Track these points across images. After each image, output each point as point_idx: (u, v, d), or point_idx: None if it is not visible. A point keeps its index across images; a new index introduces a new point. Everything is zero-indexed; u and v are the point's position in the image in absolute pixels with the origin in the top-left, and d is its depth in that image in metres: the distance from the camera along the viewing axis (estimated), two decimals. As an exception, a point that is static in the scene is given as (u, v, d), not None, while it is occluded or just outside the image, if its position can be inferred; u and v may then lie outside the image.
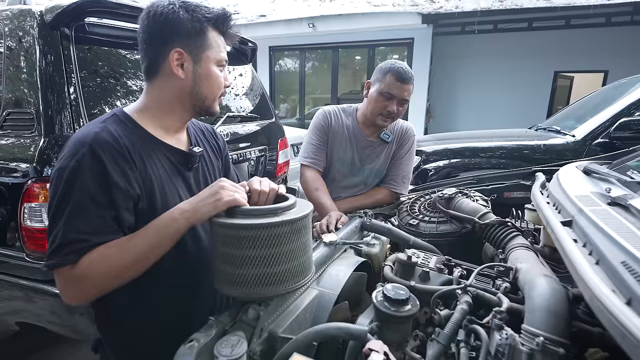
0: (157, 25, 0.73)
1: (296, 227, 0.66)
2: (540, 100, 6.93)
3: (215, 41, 0.78)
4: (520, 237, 1.00)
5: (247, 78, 2.44)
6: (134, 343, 0.80)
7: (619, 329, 0.37)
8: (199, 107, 0.81)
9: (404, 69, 1.34)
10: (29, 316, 1.46)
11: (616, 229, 0.55)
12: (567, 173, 1.05)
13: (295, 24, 7.59)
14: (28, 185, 1.27)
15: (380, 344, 0.58)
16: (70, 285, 0.66)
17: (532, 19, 6.46)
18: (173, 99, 0.78)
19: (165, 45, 0.74)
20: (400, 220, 1.32)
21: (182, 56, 0.74)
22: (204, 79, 0.78)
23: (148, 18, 0.74)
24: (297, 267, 0.67)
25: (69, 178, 0.65)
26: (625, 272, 0.44)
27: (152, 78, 0.78)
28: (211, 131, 1.00)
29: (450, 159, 2.87)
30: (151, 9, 0.74)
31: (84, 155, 0.65)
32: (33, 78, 1.33)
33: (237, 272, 0.64)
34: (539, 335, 0.57)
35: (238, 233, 0.63)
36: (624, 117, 2.56)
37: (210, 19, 0.76)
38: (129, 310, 0.77)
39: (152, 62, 0.76)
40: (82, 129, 0.71)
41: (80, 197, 0.65)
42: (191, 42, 0.75)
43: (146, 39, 0.75)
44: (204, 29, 0.76)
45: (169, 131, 0.81)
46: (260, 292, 0.64)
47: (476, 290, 0.77)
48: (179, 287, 0.80)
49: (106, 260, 0.65)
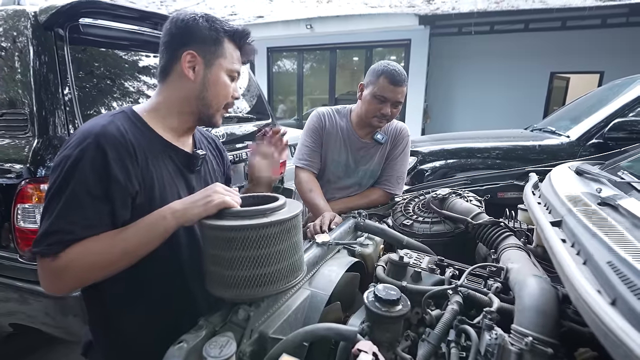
0: (178, 29, 0.77)
1: (285, 228, 0.66)
2: (536, 101, 6.97)
3: (230, 52, 0.81)
4: (512, 237, 1.00)
5: (244, 79, 2.44)
6: (129, 346, 0.80)
7: (601, 329, 0.37)
8: (204, 114, 0.82)
9: (397, 71, 1.33)
10: (22, 317, 1.45)
11: (604, 229, 0.55)
12: (559, 173, 1.05)
13: (293, 25, 7.60)
14: (21, 186, 1.27)
15: (370, 344, 0.58)
16: (51, 276, 0.66)
17: (529, 20, 6.49)
18: (181, 100, 0.80)
19: (181, 47, 0.77)
20: (395, 221, 1.32)
21: (194, 59, 0.77)
22: (213, 84, 0.80)
23: (171, 23, 0.79)
24: (287, 267, 0.67)
25: (70, 167, 0.65)
26: (611, 272, 0.44)
27: (165, 78, 0.80)
28: (215, 140, 1.02)
29: (446, 160, 2.88)
30: (175, 17, 0.79)
31: (88, 145, 0.66)
32: (27, 79, 1.33)
33: (227, 273, 0.64)
34: (528, 335, 0.57)
35: (227, 234, 0.64)
36: (618, 118, 2.57)
37: (227, 32, 0.80)
38: (124, 314, 0.77)
39: (167, 63, 0.79)
40: (91, 121, 0.73)
41: (77, 188, 0.65)
42: (205, 47, 0.78)
43: (165, 42, 0.79)
44: (220, 39, 0.79)
45: (175, 133, 0.83)
46: (251, 293, 0.64)
47: (467, 290, 0.78)
48: (175, 291, 0.81)
49: (91, 254, 0.65)
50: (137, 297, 0.77)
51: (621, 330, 0.35)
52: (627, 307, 0.38)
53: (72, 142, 0.68)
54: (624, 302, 0.38)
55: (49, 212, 0.65)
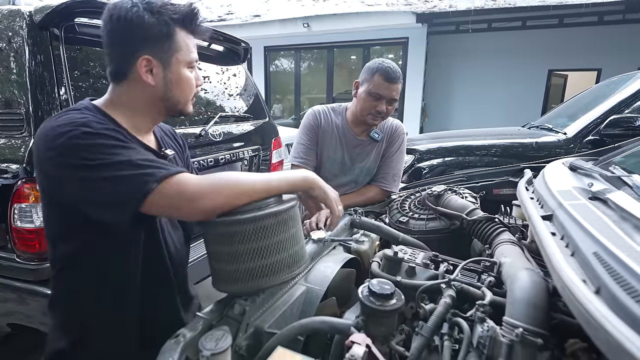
0: (122, 30, 0.70)
1: (282, 219, 0.67)
2: (534, 98, 6.98)
3: (185, 42, 0.75)
4: (506, 232, 1.01)
5: (240, 78, 2.44)
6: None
7: (585, 316, 0.38)
8: (172, 111, 0.79)
9: (391, 69, 1.33)
10: (21, 318, 1.46)
11: (592, 222, 0.56)
12: (552, 169, 1.06)
13: (290, 23, 7.59)
14: (18, 186, 1.27)
15: (363, 336, 0.59)
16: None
17: (526, 17, 6.51)
18: (144, 103, 0.76)
19: (132, 52, 0.71)
20: (391, 218, 1.33)
21: (150, 63, 0.72)
22: (175, 83, 0.75)
23: (111, 22, 0.70)
24: (289, 257, 0.69)
25: (91, 140, 0.63)
26: (597, 263, 0.45)
27: (119, 82, 0.74)
28: (172, 132, 0.97)
29: (444, 158, 2.89)
30: (113, 12, 0.70)
31: (86, 126, 0.63)
32: (22, 79, 1.33)
33: (230, 268, 0.66)
34: (518, 327, 0.58)
35: (226, 229, 0.65)
36: (613, 115, 2.59)
37: (177, 20, 0.72)
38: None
39: (118, 67, 0.73)
40: (53, 122, 0.65)
41: (118, 143, 0.65)
42: (159, 47, 0.72)
43: (110, 44, 0.72)
44: (172, 32, 0.72)
45: (139, 131, 0.79)
46: (255, 284, 0.66)
47: (461, 284, 0.79)
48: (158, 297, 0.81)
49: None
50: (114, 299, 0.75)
51: (603, 317, 0.36)
52: (610, 295, 0.38)
53: (57, 133, 0.62)
54: (607, 290, 0.39)
55: (120, 167, 0.62)
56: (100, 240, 0.71)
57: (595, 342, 0.37)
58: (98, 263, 0.73)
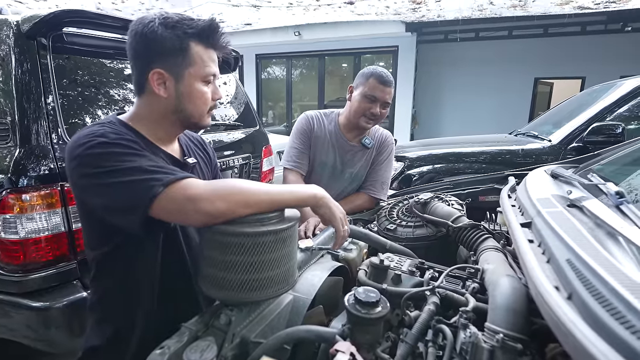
0: (138, 44, 0.73)
1: (281, 237, 0.67)
2: (522, 105, 7.13)
3: (200, 57, 0.75)
4: (491, 239, 1.03)
5: (231, 86, 2.45)
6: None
7: (554, 321, 0.40)
8: (187, 123, 0.82)
9: (385, 73, 1.41)
10: (3, 331, 1.42)
11: (567, 230, 0.58)
12: (534, 177, 1.09)
13: (282, 32, 7.65)
14: (2, 197, 1.25)
15: (348, 344, 0.60)
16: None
17: (512, 27, 6.67)
18: (159, 115, 0.79)
19: (147, 65, 0.74)
20: (379, 226, 1.34)
21: (162, 76, 0.74)
22: (187, 97, 0.77)
23: (131, 37, 0.74)
24: (280, 274, 0.69)
25: (110, 147, 0.66)
26: (569, 269, 0.47)
27: (140, 94, 0.79)
28: (201, 142, 1.01)
29: (434, 164, 2.93)
30: (133, 27, 0.74)
31: (103, 136, 0.67)
32: (9, 87, 1.32)
33: (221, 275, 0.66)
34: (499, 332, 0.59)
35: (224, 239, 0.65)
36: (596, 122, 2.66)
37: (192, 35, 0.74)
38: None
39: (137, 80, 0.77)
40: (78, 135, 0.70)
41: (131, 151, 0.68)
42: (171, 61, 0.74)
43: (130, 58, 0.76)
44: (185, 46, 0.73)
45: (162, 141, 0.82)
46: (242, 296, 0.66)
47: (445, 291, 0.80)
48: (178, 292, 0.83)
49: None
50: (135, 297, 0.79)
51: (570, 322, 0.37)
52: (580, 301, 0.40)
53: (81, 139, 0.67)
54: (578, 297, 0.41)
55: (131, 172, 0.66)
56: (130, 244, 0.74)
57: (565, 347, 0.38)
58: (129, 265, 0.77)
